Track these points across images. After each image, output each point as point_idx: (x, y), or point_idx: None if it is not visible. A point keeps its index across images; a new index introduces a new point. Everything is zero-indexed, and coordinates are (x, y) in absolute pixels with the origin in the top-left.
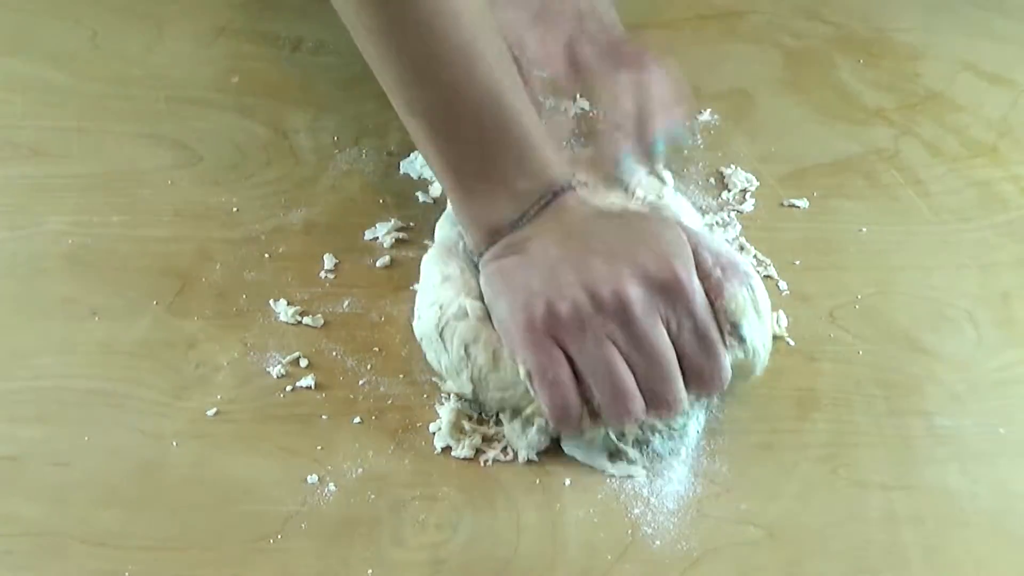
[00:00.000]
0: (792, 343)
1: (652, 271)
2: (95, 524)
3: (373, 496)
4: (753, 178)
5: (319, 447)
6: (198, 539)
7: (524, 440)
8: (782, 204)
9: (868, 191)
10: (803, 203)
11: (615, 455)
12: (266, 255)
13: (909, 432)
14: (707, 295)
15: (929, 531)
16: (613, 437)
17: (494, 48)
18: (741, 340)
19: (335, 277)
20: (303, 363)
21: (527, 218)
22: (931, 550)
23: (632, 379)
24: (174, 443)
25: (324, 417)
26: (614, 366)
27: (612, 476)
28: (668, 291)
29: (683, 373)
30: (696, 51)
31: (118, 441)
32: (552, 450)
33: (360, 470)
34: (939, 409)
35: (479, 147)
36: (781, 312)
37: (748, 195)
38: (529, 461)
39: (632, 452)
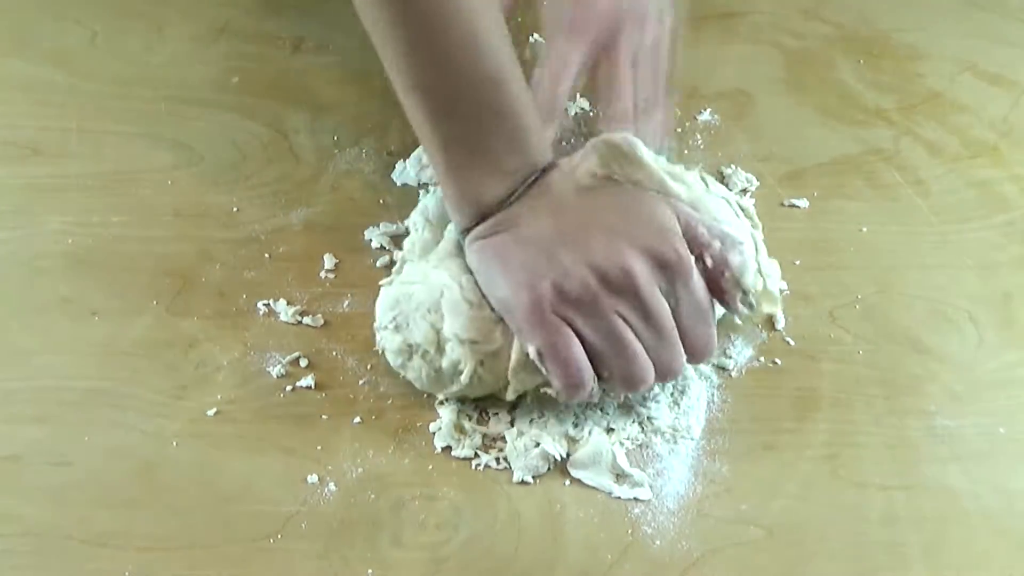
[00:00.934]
0: (792, 343)
1: (653, 247)
2: (95, 524)
3: (373, 496)
4: (753, 178)
5: (319, 447)
6: (198, 539)
7: (523, 461)
8: (782, 204)
9: (868, 191)
10: (803, 203)
11: (621, 477)
12: (266, 255)
13: (909, 432)
14: (711, 270)
15: (929, 531)
16: (619, 463)
17: (495, 25)
18: (750, 306)
19: (335, 277)
20: (303, 363)
21: (516, 196)
22: (931, 550)
23: (643, 349)
24: (174, 443)
25: (324, 417)
26: (627, 339)
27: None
28: (668, 267)
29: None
30: (696, 51)
31: (118, 441)
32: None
33: (360, 470)
34: (939, 409)
35: (473, 125)
36: (780, 311)
37: (748, 195)
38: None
39: (638, 474)
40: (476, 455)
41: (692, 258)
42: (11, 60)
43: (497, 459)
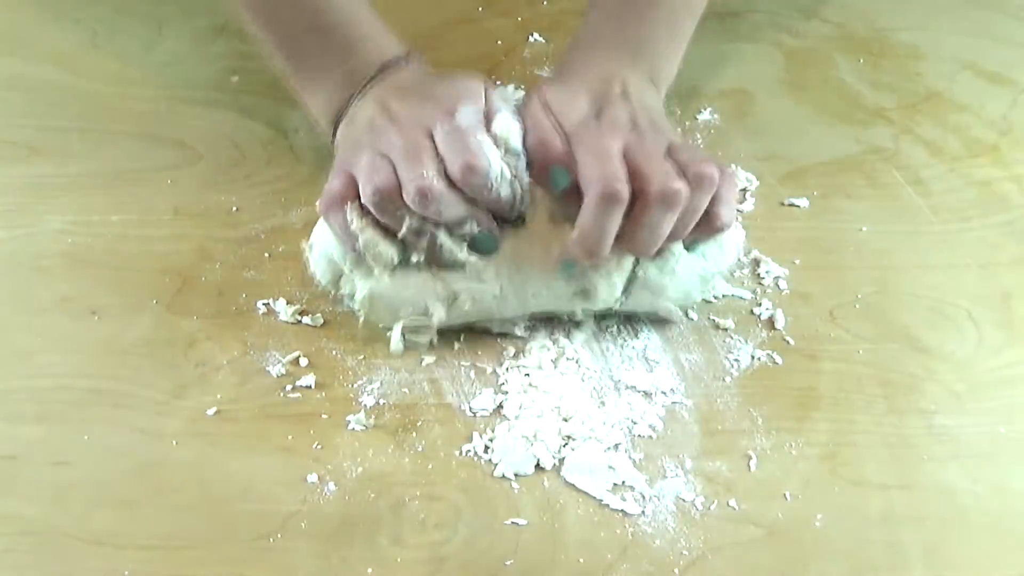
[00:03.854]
0: (792, 342)
1: (430, 95)
2: (95, 523)
3: (373, 495)
4: (753, 177)
5: (319, 446)
6: (198, 538)
7: (511, 456)
8: (782, 203)
9: (868, 191)
10: (803, 202)
11: (618, 486)
12: (266, 254)
13: (909, 432)
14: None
15: (929, 530)
16: (617, 472)
17: None
18: (516, 154)
19: None
20: (303, 362)
21: (359, 94)
22: (931, 549)
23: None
24: (174, 442)
25: (324, 416)
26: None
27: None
28: (432, 104)
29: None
30: (696, 51)
31: (118, 441)
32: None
33: (360, 469)
34: (939, 409)
35: (307, 45)
36: (780, 311)
37: (748, 194)
38: (522, 475)
39: (638, 484)
40: (470, 439)
41: (458, 104)
42: (11, 60)
43: (486, 447)
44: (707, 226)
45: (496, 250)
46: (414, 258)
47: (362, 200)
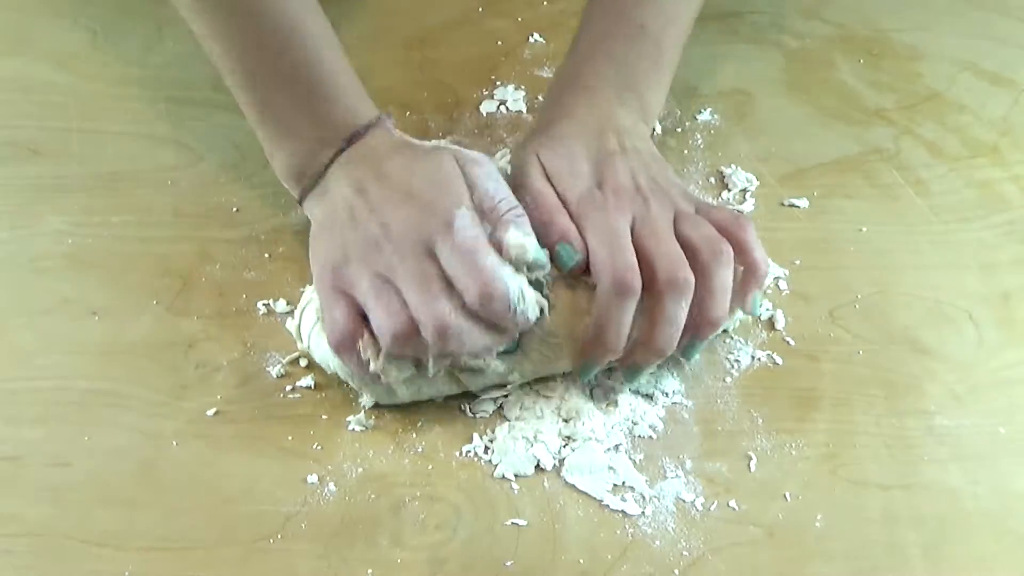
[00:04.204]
0: (792, 343)
1: (411, 187)
2: (95, 524)
3: (373, 496)
4: (753, 178)
5: (319, 447)
6: (198, 539)
7: (511, 457)
8: (782, 204)
9: (868, 191)
10: (803, 203)
11: (618, 487)
12: (266, 255)
13: (909, 432)
14: (494, 229)
15: (929, 531)
16: (617, 472)
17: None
18: (531, 268)
19: None
20: (303, 363)
21: (330, 163)
22: (931, 550)
23: (400, 304)
24: (174, 443)
25: (324, 417)
26: (384, 296)
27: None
28: (418, 211)
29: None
30: (696, 51)
31: (118, 441)
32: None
33: (360, 470)
34: (939, 409)
35: (275, 101)
36: (780, 312)
37: (748, 195)
38: (522, 475)
39: (637, 483)
40: (471, 440)
41: (453, 212)
42: (11, 60)
43: (487, 448)
44: (752, 278)
45: (516, 350)
46: (431, 370)
47: (380, 345)
